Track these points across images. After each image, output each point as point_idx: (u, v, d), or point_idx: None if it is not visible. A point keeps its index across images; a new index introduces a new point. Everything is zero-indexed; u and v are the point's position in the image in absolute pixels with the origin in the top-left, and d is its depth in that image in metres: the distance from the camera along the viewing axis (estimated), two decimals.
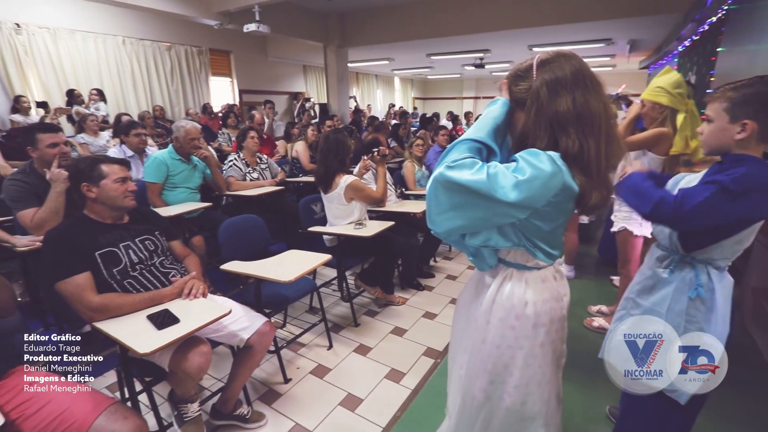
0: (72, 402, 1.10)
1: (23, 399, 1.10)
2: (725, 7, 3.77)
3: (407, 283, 3.05)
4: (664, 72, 2.00)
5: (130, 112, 5.96)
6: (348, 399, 1.89)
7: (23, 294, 2.53)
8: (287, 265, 1.94)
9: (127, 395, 1.51)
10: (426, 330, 2.49)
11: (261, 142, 3.84)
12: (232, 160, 3.42)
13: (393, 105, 12.00)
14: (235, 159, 3.43)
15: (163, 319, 1.35)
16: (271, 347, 1.85)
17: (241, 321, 1.62)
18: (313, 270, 2.04)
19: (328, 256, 2.05)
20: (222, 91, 8.15)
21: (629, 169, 1.28)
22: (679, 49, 6.24)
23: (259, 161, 3.59)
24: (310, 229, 2.64)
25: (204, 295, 1.56)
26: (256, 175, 3.51)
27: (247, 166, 3.48)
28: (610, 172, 0.91)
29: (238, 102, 8.20)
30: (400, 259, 2.94)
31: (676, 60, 6.81)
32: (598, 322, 2.42)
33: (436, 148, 4.11)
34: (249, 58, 8.36)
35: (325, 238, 2.71)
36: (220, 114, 6.75)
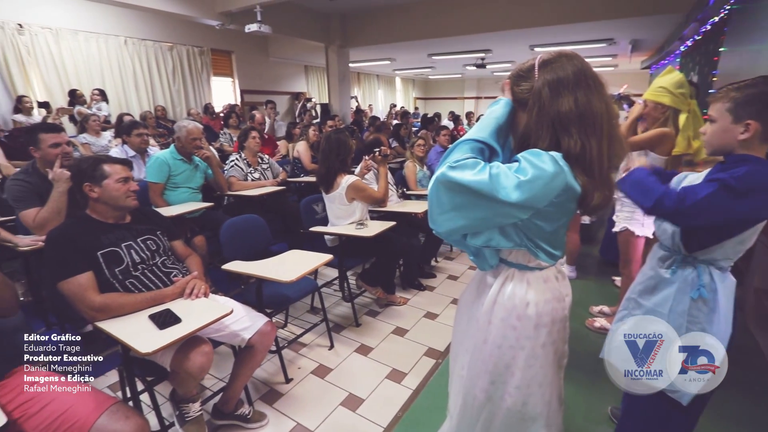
0: (74, 401, 1.10)
1: (26, 398, 1.10)
2: (728, 6, 3.75)
3: (408, 284, 3.05)
4: (666, 72, 1.99)
5: (131, 112, 5.98)
6: (349, 399, 1.89)
7: (25, 293, 2.54)
8: (288, 265, 1.94)
9: (128, 395, 1.51)
10: (427, 330, 2.49)
11: (262, 142, 3.84)
12: (233, 160, 3.43)
13: (394, 105, 12.00)
14: (236, 159, 3.44)
15: (164, 319, 1.36)
16: (272, 347, 1.85)
17: (243, 321, 1.62)
18: (315, 270, 2.05)
19: (329, 256, 2.05)
20: (223, 92, 8.17)
21: (633, 164, 1.28)
22: (681, 49, 6.22)
23: (260, 161, 3.60)
24: (311, 229, 2.65)
25: (205, 294, 1.56)
26: (257, 175, 3.51)
27: (249, 166, 3.49)
28: (612, 173, 0.91)
29: (239, 102, 8.22)
30: (402, 259, 2.94)
31: (678, 60, 6.78)
32: (600, 322, 2.41)
33: (437, 149, 4.10)
34: (250, 59, 8.37)
35: (327, 238, 2.71)
36: (222, 114, 6.77)
